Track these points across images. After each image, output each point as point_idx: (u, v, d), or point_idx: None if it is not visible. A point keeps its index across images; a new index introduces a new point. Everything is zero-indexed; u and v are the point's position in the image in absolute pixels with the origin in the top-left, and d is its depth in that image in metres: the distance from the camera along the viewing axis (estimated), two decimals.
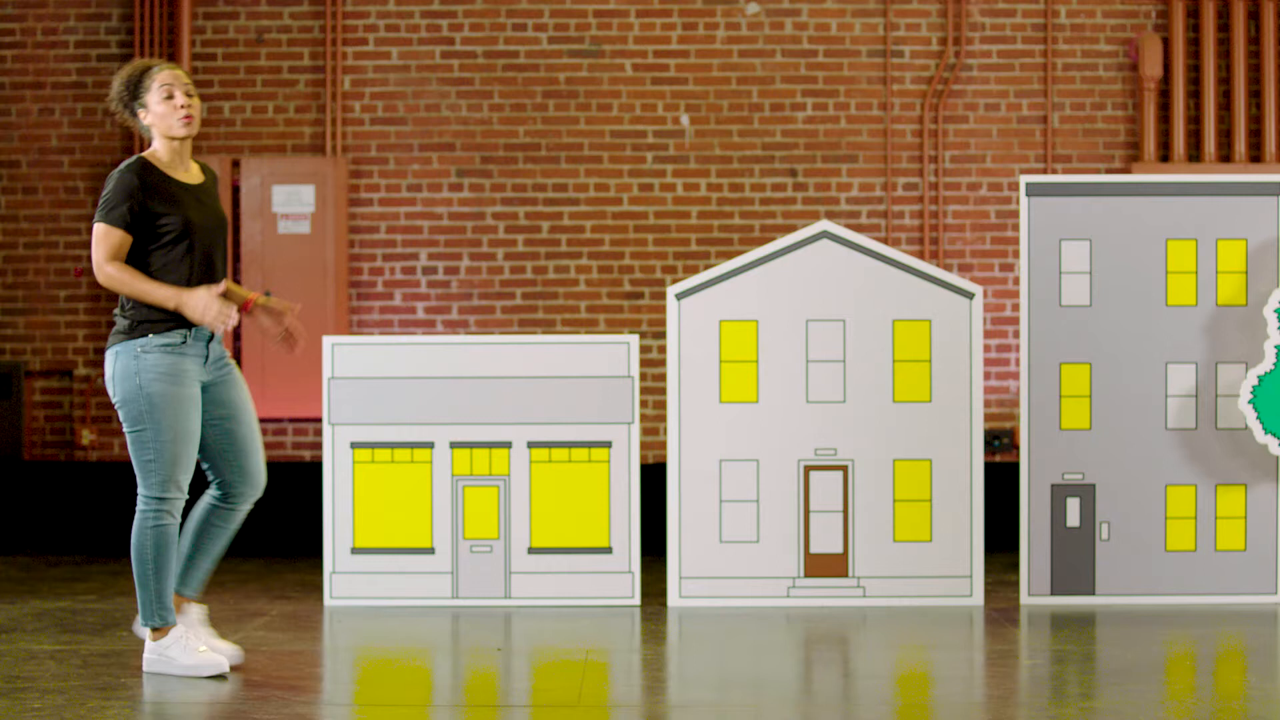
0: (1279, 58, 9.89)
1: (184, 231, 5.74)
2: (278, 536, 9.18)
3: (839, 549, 7.32)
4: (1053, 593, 7.38)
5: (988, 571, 7.85)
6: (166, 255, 5.74)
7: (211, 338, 5.84)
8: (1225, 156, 9.90)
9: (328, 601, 7.39)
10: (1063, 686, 5.78)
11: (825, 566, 7.34)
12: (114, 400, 5.79)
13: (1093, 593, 7.38)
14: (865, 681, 5.88)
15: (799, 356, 7.33)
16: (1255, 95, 9.91)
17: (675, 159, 9.90)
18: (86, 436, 9.79)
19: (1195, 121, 9.92)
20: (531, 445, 7.36)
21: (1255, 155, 9.90)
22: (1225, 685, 5.92)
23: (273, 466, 9.64)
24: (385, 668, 6.17)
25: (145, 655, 5.83)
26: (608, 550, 7.37)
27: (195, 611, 6.00)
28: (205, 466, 5.98)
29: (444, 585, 7.37)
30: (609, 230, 9.88)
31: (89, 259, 9.86)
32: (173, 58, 9.82)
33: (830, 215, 9.86)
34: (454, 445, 7.36)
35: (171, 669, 5.78)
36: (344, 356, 7.38)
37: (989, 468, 8.26)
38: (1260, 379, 7.19)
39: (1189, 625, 6.91)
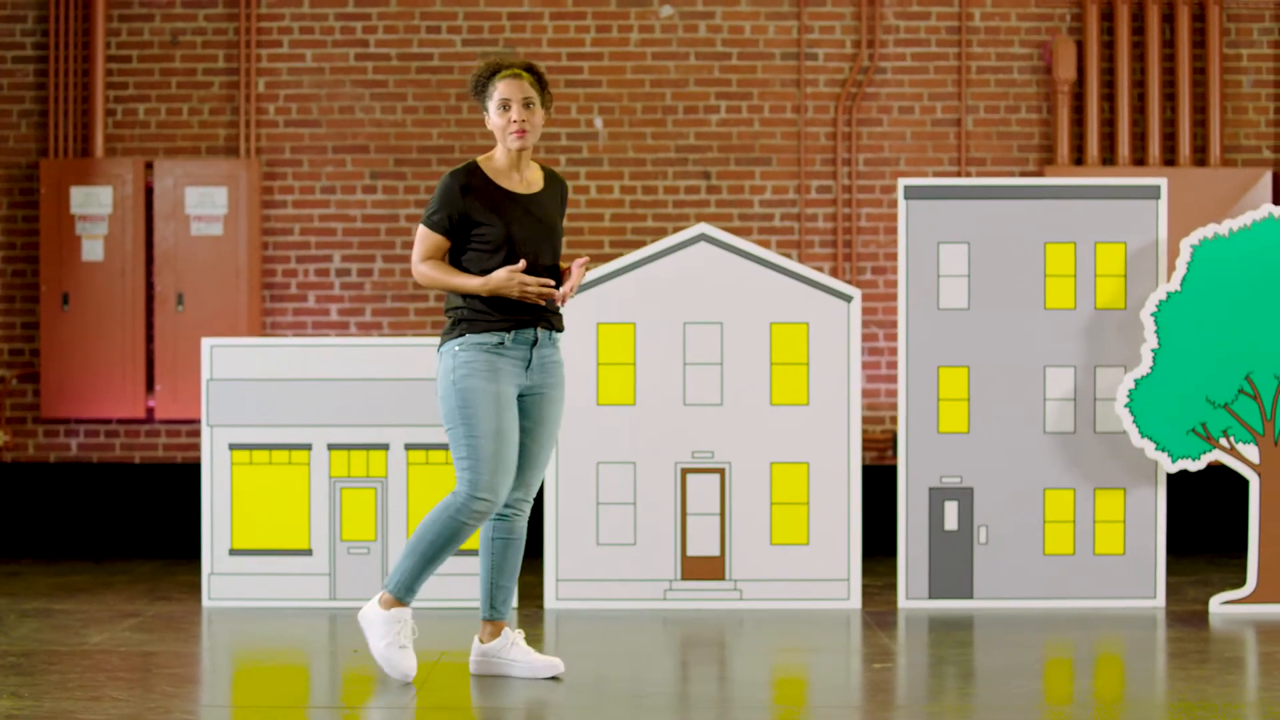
0: (1193, 61, 9.87)
1: (503, 242, 5.62)
2: (183, 537, 9.19)
3: (716, 552, 7.32)
4: (930, 596, 7.38)
5: (869, 575, 7.85)
6: (485, 263, 5.63)
7: (535, 342, 5.68)
8: (1139, 160, 9.88)
9: (206, 603, 7.40)
10: (940, 690, 5.79)
11: (702, 569, 7.34)
12: (437, 400, 5.71)
13: (970, 596, 7.38)
14: (742, 684, 5.86)
15: (676, 359, 7.34)
16: (1170, 98, 9.89)
17: (589, 161, 9.90)
18: (0, 438, 9.80)
19: (1109, 125, 9.91)
20: (409, 447, 7.38)
21: (1169, 159, 9.89)
22: (1103, 690, 5.92)
23: (192, 467, 9.68)
24: (257, 670, 6.22)
25: (365, 609, 5.80)
26: None
27: (511, 634, 5.86)
28: None
29: (321, 587, 7.38)
30: None
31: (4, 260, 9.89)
32: (87, 60, 9.84)
33: (743, 218, 9.86)
34: (332, 447, 7.37)
35: (370, 639, 5.77)
36: (222, 358, 7.39)
37: (871, 471, 8.25)
38: (1137, 383, 7.19)
39: (1067, 629, 6.91)
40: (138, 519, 9.54)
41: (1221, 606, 7.24)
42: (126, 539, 9.46)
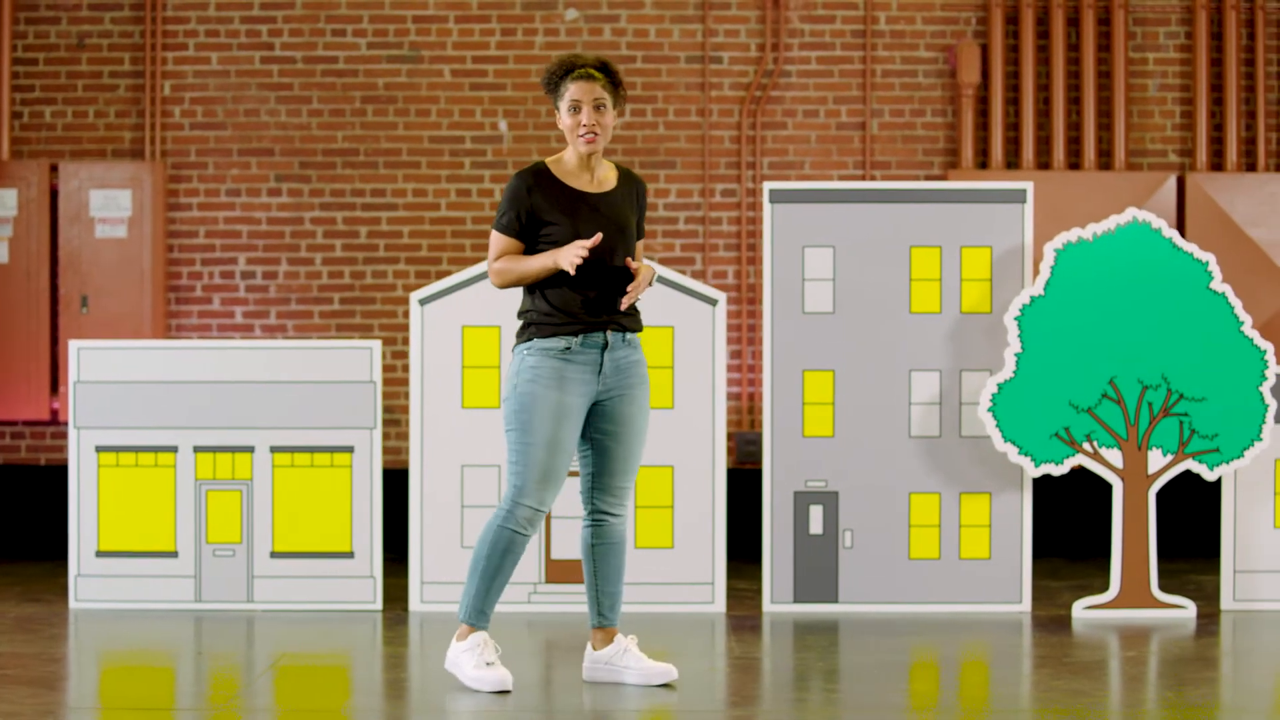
0: (1098, 65, 9.86)
1: (571, 240, 5.55)
2: None
3: (580, 555, 7.30)
4: (795, 600, 7.37)
5: (736, 579, 7.84)
6: None
7: (605, 346, 5.62)
8: (1044, 163, 9.87)
9: (73, 605, 7.41)
10: (804, 693, 5.78)
11: (566, 573, 7.34)
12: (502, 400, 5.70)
13: (836, 600, 7.37)
14: (606, 688, 5.82)
15: None
16: (1075, 102, 9.88)
17: (493, 164, 9.90)
18: None
19: (1014, 129, 9.89)
20: (274, 449, 7.38)
21: (1074, 163, 9.87)
22: (969, 692, 5.95)
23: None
24: (111, 671, 6.22)
25: (449, 651, 5.75)
26: (349, 555, 7.38)
27: (624, 640, 5.84)
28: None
29: (187, 589, 7.38)
30: (427, 235, 9.89)
31: None
32: None
33: (648, 221, 9.84)
34: (197, 449, 7.37)
35: (459, 673, 5.69)
36: (89, 360, 7.40)
37: (738, 474, 8.26)
38: (1000, 387, 7.17)
39: (932, 633, 6.90)
40: (39, 521, 9.55)
41: (1084, 611, 7.22)
42: (26, 540, 9.48)
